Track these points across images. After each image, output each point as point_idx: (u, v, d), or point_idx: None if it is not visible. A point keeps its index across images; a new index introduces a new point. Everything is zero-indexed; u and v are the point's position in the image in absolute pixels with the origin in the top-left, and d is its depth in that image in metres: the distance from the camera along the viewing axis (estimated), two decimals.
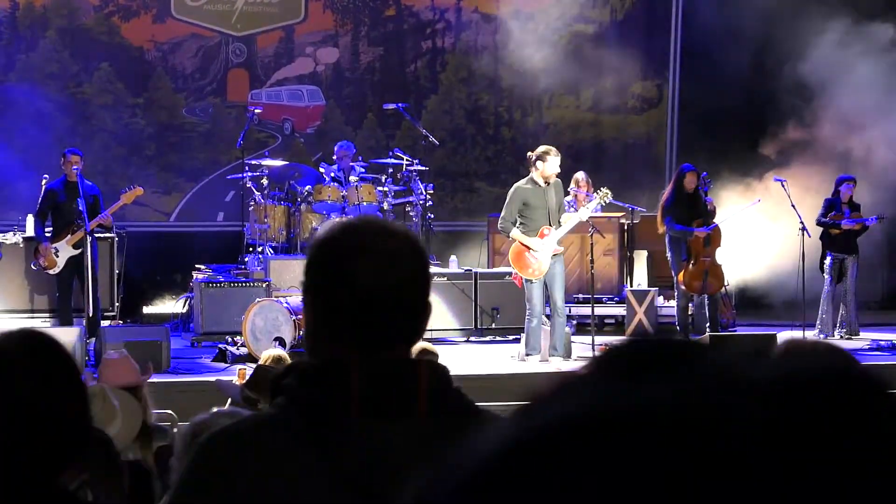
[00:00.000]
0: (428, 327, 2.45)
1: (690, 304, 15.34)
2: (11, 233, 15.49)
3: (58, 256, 14.14)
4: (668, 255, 15.30)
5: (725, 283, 15.72)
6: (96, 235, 14.14)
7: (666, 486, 0.72)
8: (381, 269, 2.29)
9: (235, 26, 19.39)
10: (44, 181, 14.78)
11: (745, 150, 18.33)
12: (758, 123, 19.13)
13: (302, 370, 2.34)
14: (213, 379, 9.40)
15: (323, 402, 2.28)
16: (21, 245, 15.24)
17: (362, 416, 2.24)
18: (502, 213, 13.28)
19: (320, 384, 2.30)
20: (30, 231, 15.05)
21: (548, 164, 13.00)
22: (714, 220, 15.16)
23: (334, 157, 16.78)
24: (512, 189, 13.34)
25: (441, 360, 7.43)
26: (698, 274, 14.93)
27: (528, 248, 13.02)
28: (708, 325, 15.08)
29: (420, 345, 7.24)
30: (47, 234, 14.26)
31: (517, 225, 13.11)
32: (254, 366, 7.49)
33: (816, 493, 0.71)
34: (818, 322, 15.76)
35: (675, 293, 15.37)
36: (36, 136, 17.71)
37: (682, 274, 15.02)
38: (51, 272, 14.27)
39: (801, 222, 15.19)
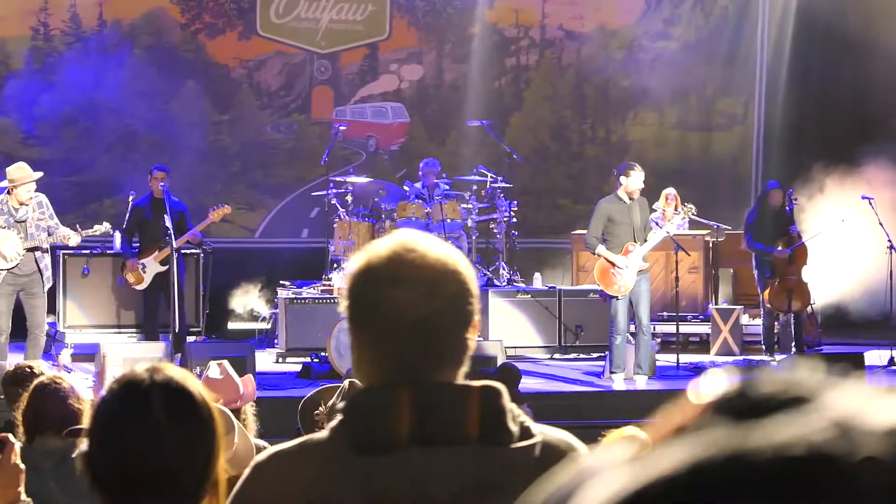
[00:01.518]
0: (512, 344, 2.44)
1: (776, 323, 15.19)
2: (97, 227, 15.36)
3: (145, 273, 14.28)
4: (755, 272, 15.19)
5: (812, 302, 15.54)
6: (182, 252, 14.27)
7: None
8: (416, 299, 2.27)
9: (320, 44, 19.49)
10: (131, 198, 14.92)
11: (837, 165, 17.75)
12: (856, 138, 18.39)
13: (352, 396, 2.35)
14: (298, 395, 9.42)
15: (370, 429, 2.28)
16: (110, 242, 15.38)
17: (411, 445, 2.23)
18: (588, 230, 13.24)
19: (368, 412, 2.30)
20: (117, 247, 15.20)
21: (632, 180, 12.94)
22: (801, 239, 14.97)
23: (419, 174, 16.81)
24: (596, 205, 13.30)
25: (524, 378, 7.39)
26: (783, 292, 14.78)
27: (613, 264, 12.95)
28: (793, 344, 14.93)
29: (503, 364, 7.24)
30: (134, 250, 14.41)
31: (602, 241, 13.08)
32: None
33: None
34: None
35: (761, 311, 15.24)
36: (123, 152, 17.90)
37: (767, 292, 14.89)
38: (137, 288, 14.41)
39: (889, 240, 14.98)
